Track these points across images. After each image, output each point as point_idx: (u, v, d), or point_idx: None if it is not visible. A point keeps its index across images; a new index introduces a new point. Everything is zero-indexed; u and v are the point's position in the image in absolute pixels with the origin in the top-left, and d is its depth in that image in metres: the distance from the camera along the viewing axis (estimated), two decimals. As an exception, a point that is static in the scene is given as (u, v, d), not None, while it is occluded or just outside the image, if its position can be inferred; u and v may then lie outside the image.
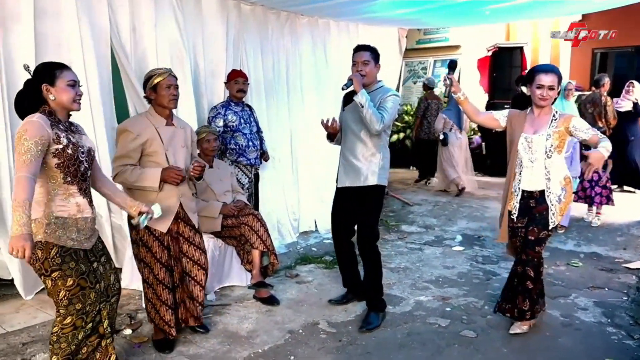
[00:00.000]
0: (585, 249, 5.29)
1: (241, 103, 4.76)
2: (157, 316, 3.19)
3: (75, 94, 2.46)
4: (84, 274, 2.50)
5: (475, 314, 3.77)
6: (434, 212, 6.96)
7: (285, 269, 4.70)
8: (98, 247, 2.66)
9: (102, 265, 2.65)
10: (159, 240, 3.13)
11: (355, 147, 3.56)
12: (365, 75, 3.48)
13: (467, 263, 4.93)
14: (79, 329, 2.51)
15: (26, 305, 3.80)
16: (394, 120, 3.70)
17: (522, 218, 3.36)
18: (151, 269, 3.15)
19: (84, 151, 2.51)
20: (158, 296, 3.17)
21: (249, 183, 4.84)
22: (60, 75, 2.42)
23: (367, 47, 3.60)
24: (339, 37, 6.42)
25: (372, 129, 3.41)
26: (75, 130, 2.57)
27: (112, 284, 2.70)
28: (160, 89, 3.08)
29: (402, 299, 4.04)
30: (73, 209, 2.46)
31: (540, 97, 3.17)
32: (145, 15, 4.19)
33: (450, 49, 11.28)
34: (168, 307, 3.18)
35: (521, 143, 3.27)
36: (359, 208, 3.59)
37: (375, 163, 3.54)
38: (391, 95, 3.52)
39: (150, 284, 3.17)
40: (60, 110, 2.46)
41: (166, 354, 3.16)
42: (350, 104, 3.60)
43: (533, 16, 8.40)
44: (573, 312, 3.78)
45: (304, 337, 3.41)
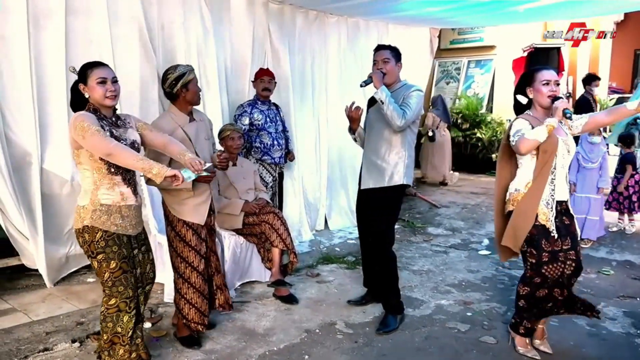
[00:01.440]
0: (618, 257, 5.11)
1: (268, 102, 4.78)
2: (191, 309, 3.19)
3: (106, 90, 2.56)
4: (126, 258, 2.67)
5: (497, 319, 3.68)
6: (462, 214, 6.85)
7: (307, 268, 4.69)
8: (141, 237, 2.82)
9: (142, 254, 2.82)
10: (197, 233, 3.17)
11: (379, 147, 3.52)
12: (386, 74, 3.44)
13: (493, 267, 4.83)
14: (123, 312, 2.66)
15: (52, 295, 3.91)
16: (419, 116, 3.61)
17: (564, 239, 2.93)
18: (188, 262, 3.17)
19: (127, 144, 2.63)
20: (196, 288, 3.18)
21: (273, 182, 4.85)
22: (90, 73, 2.56)
23: (387, 46, 3.58)
24: (367, 37, 6.38)
25: (393, 125, 3.37)
26: (121, 125, 2.70)
27: (147, 273, 2.85)
28: (192, 86, 3.11)
29: (422, 302, 3.98)
30: (117, 197, 2.63)
31: (550, 94, 2.87)
32: (174, 13, 4.26)
33: (485, 49, 11.06)
34: (204, 297, 3.23)
35: (561, 146, 2.91)
36: (379, 210, 3.54)
37: (400, 162, 3.49)
38: (414, 91, 3.46)
39: (186, 278, 3.18)
40: (100, 106, 2.61)
41: (195, 349, 3.19)
42: (374, 105, 3.57)
43: (570, 16, 8.16)
44: (600, 321, 3.63)
45: (320, 337, 3.40)
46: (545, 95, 2.88)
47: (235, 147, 4.12)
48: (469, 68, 11.36)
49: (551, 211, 2.92)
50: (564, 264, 2.92)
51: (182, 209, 3.11)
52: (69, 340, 3.22)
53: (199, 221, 3.17)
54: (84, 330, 3.36)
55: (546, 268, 2.92)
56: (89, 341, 3.26)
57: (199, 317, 3.21)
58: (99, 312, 3.53)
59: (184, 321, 3.24)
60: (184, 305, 3.21)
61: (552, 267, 2.92)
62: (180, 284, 3.22)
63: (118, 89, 2.64)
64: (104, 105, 2.60)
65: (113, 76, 2.63)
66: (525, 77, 3.05)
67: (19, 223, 3.74)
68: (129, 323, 2.68)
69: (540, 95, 2.91)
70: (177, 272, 3.22)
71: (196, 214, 3.15)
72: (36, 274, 4.18)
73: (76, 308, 3.69)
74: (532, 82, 2.95)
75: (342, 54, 6.02)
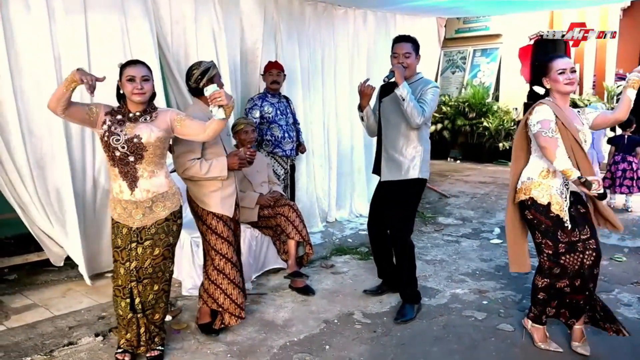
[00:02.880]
0: (630, 244, 5.14)
1: (278, 94, 4.79)
2: (226, 300, 3.21)
3: (134, 88, 2.69)
4: (118, 248, 2.83)
5: (513, 307, 3.71)
6: (472, 204, 6.87)
7: (321, 260, 4.73)
8: (149, 232, 2.82)
9: (143, 249, 2.81)
10: (227, 225, 3.22)
11: (397, 141, 3.54)
12: (407, 67, 3.45)
13: (505, 256, 4.82)
14: (119, 297, 2.86)
15: (72, 290, 3.96)
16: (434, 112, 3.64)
17: (582, 228, 2.91)
18: (222, 254, 3.20)
19: (120, 139, 2.70)
20: (230, 279, 3.22)
21: (285, 174, 4.88)
22: (123, 71, 2.74)
23: (408, 37, 3.55)
24: (376, 29, 6.36)
25: (412, 122, 3.38)
26: (141, 120, 2.76)
27: (144, 268, 2.82)
28: (216, 80, 3.13)
29: (438, 292, 4.02)
30: (117, 189, 2.81)
31: (567, 82, 2.86)
32: (186, 7, 4.27)
33: (491, 37, 11.05)
34: (240, 289, 3.27)
35: (580, 135, 2.88)
36: (397, 201, 3.57)
37: (417, 156, 3.52)
38: (432, 87, 3.48)
39: (221, 270, 3.20)
40: (129, 102, 2.78)
41: (213, 337, 3.25)
42: (387, 95, 3.57)
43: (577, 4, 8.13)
44: (616, 307, 3.66)
45: (339, 327, 3.44)
46: (563, 84, 2.87)
47: (249, 140, 4.14)
48: (475, 57, 11.36)
49: (565, 201, 2.91)
50: (583, 254, 2.89)
51: (210, 202, 3.15)
52: (92, 335, 3.26)
53: (228, 213, 3.21)
54: (106, 324, 3.41)
55: (564, 258, 2.92)
56: (112, 335, 3.30)
57: (234, 308, 3.24)
58: (118, 306, 3.63)
59: (220, 309, 3.25)
60: (219, 295, 3.23)
61: (571, 257, 2.90)
62: (215, 276, 3.23)
63: (147, 87, 2.73)
64: (132, 100, 2.74)
65: (143, 75, 2.72)
66: (539, 67, 3.03)
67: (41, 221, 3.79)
68: (126, 308, 2.85)
69: (558, 85, 2.90)
70: (213, 264, 3.23)
71: (224, 206, 3.19)
72: (54, 270, 4.24)
73: (96, 302, 3.74)
74: (548, 72, 2.94)
75: (351, 45, 6.01)
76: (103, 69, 3.80)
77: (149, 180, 2.79)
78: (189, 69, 3.21)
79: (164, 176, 2.87)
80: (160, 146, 2.79)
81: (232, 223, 3.28)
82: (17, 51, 3.45)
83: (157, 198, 2.82)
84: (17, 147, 3.56)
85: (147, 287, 2.86)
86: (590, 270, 2.93)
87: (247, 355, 3.07)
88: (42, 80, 3.55)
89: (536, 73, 3.06)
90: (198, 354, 3.09)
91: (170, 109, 2.95)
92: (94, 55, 3.78)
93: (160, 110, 2.87)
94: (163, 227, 2.84)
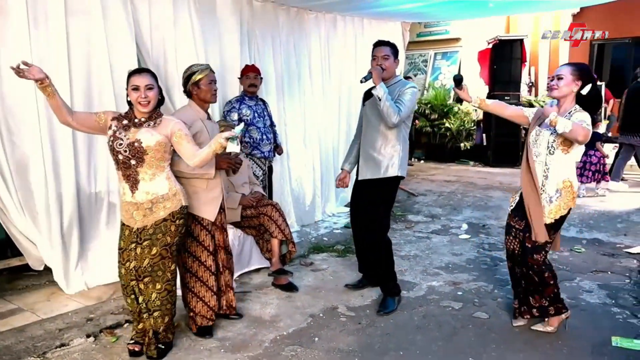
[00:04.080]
0: (587, 236, 5.48)
1: (255, 97, 4.90)
2: (199, 304, 3.31)
3: (138, 97, 2.80)
4: (120, 249, 2.98)
5: (486, 297, 3.95)
6: (439, 202, 7.14)
7: (300, 258, 4.86)
8: (148, 232, 2.90)
9: (142, 248, 2.92)
10: (206, 229, 3.28)
11: (376, 141, 3.71)
12: (385, 69, 3.62)
13: (474, 250, 5.11)
14: (124, 295, 3.05)
15: (56, 294, 3.94)
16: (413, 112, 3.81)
17: (519, 220, 3.25)
18: (197, 258, 3.28)
19: (122, 143, 2.82)
20: (204, 283, 3.30)
21: (263, 175, 4.98)
22: (129, 80, 2.88)
23: (387, 42, 3.73)
24: (345, 32, 6.55)
25: (388, 121, 3.55)
26: (145, 126, 2.87)
27: (143, 267, 2.93)
28: (202, 84, 3.26)
29: (415, 284, 4.22)
30: (121, 190, 2.97)
31: (548, 86, 3.23)
32: (165, 13, 4.32)
33: (451, 41, 11.44)
34: (213, 293, 3.33)
35: (531, 135, 3.18)
36: (375, 198, 3.74)
37: (395, 155, 3.69)
38: (409, 88, 3.65)
39: (194, 273, 3.29)
40: (135, 108, 2.91)
41: (207, 338, 3.31)
42: (370, 99, 3.74)
43: (534, 10, 8.55)
44: (579, 294, 3.96)
45: (325, 321, 3.59)
46: (545, 88, 3.20)
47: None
48: (436, 60, 11.73)
49: (519, 192, 3.32)
50: (515, 239, 3.32)
51: (192, 203, 3.17)
52: (83, 336, 3.29)
53: (208, 217, 3.27)
54: (96, 325, 3.44)
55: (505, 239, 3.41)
56: (103, 335, 3.34)
57: (206, 310, 3.33)
58: (106, 308, 3.70)
59: (191, 314, 3.34)
60: (191, 298, 3.32)
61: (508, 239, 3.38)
62: (188, 278, 3.33)
63: (152, 95, 2.84)
64: (137, 109, 2.87)
65: (147, 83, 2.83)
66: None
67: (21, 225, 3.78)
68: (132, 303, 3.03)
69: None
70: (185, 267, 3.31)
71: (206, 209, 3.25)
72: (34, 274, 4.22)
73: (82, 305, 3.75)
74: None
75: (323, 48, 6.18)
76: (83, 73, 3.86)
77: (149, 183, 2.88)
78: (186, 71, 3.37)
79: (165, 178, 2.94)
80: (160, 150, 2.87)
81: (212, 227, 3.32)
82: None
83: (157, 200, 2.90)
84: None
85: (149, 286, 2.95)
86: (522, 257, 3.26)
87: (240, 350, 3.18)
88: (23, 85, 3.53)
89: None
90: (192, 351, 3.17)
91: (175, 119, 2.98)
92: (74, 60, 3.79)
93: (166, 117, 2.96)
94: (161, 227, 2.92)
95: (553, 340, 3.25)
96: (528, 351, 3.13)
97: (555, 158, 3.08)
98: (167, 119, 2.96)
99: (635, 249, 4.97)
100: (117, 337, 3.32)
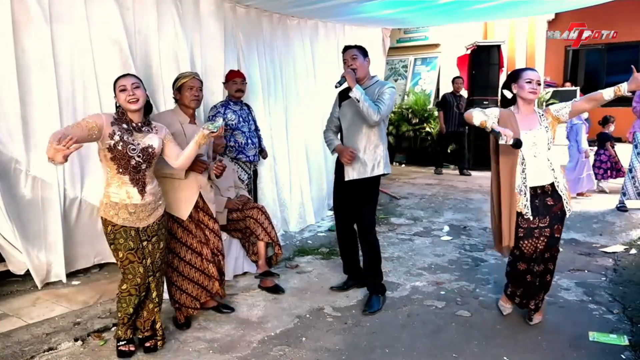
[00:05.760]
0: (565, 236, 5.59)
1: (240, 102, 4.95)
2: (182, 295, 3.49)
3: (127, 95, 2.87)
4: (132, 250, 2.98)
5: (468, 296, 4.05)
6: (421, 204, 7.25)
7: (285, 261, 4.91)
8: (153, 228, 3.05)
9: (152, 245, 3.04)
10: (182, 226, 3.44)
11: (359, 142, 3.79)
12: (357, 69, 3.70)
13: (456, 251, 5.22)
14: (134, 296, 3.05)
15: (41, 299, 3.94)
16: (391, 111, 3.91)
17: (542, 217, 3.28)
18: (176, 254, 3.46)
19: (135, 148, 2.91)
20: (185, 276, 3.48)
21: (248, 179, 5.03)
22: (116, 84, 2.96)
23: (352, 45, 3.86)
24: (326, 38, 6.66)
25: (370, 120, 3.63)
26: (145, 130, 2.97)
27: (155, 261, 3.08)
28: (183, 90, 3.42)
29: (399, 285, 4.30)
30: (124, 195, 2.93)
31: (530, 91, 3.24)
32: (149, 18, 4.35)
33: (430, 47, 11.62)
34: (195, 283, 3.51)
35: (524, 140, 3.18)
36: (361, 198, 3.82)
37: (379, 154, 3.78)
38: (388, 88, 3.73)
39: (175, 268, 3.47)
40: (127, 111, 2.94)
41: (184, 330, 3.47)
42: (346, 100, 3.81)
43: (511, 15, 8.76)
44: (557, 292, 4.08)
45: (311, 321, 3.64)
46: (527, 91, 3.26)
47: (218, 143, 4.27)
48: (416, 65, 11.89)
49: (524, 196, 3.27)
50: (538, 239, 3.30)
51: (166, 201, 3.28)
52: (71, 340, 3.30)
53: (180, 215, 3.42)
54: (83, 329, 3.45)
55: (521, 243, 3.31)
56: (91, 339, 3.35)
57: (190, 300, 3.51)
58: (92, 312, 3.71)
59: (176, 305, 3.51)
60: (175, 291, 3.49)
61: (527, 242, 3.31)
62: (170, 273, 3.49)
63: (139, 94, 2.92)
64: (128, 109, 2.91)
65: (133, 82, 2.92)
66: (512, 74, 3.41)
67: (5, 230, 3.76)
68: (138, 304, 3.09)
69: (523, 92, 3.27)
70: (167, 261, 3.44)
71: (177, 208, 3.41)
72: (18, 280, 4.20)
73: (69, 309, 3.75)
74: (517, 80, 3.31)
75: (305, 54, 6.26)
76: (69, 78, 3.87)
77: (151, 185, 3.03)
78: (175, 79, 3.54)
79: (154, 179, 3.13)
80: (159, 154, 3.06)
81: (189, 224, 3.46)
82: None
83: (157, 199, 3.08)
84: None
85: (159, 280, 3.15)
86: (542, 254, 3.33)
87: (228, 351, 3.22)
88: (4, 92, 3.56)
89: (508, 79, 3.43)
90: (181, 352, 3.21)
91: (162, 126, 3.15)
92: (60, 66, 3.80)
93: (156, 124, 3.11)
94: (162, 222, 3.14)
95: (533, 336, 3.36)
96: (509, 346, 3.23)
97: (551, 152, 3.33)
98: (159, 125, 3.13)
99: (610, 248, 5.13)
100: (105, 340, 3.34)
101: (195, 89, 3.44)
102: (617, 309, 3.74)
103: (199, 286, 3.53)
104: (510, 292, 3.58)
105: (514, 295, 3.56)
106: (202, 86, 3.53)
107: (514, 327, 3.49)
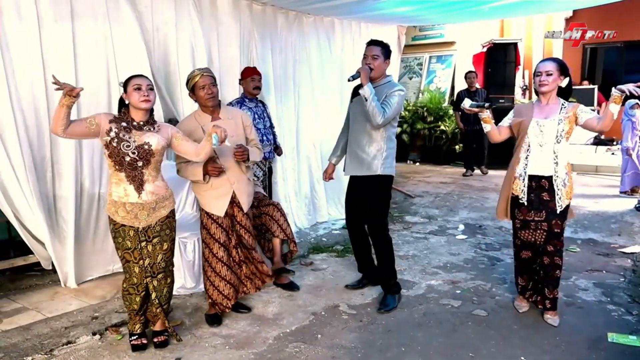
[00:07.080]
0: (582, 236, 5.57)
1: (255, 99, 4.95)
2: (215, 291, 3.52)
3: (141, 95, 2.88)
4: (129, 249, 3.01)
5: (485, 295, 4.02)
6: (436, 203, 7.22)
7: (300, 258, 4.92)
8: (155, 229, 3.03)
9: (153, 246, 3.03)
10: (217, 222, 3.49)
11: (361, 139, 3.76)
12: (374, 69, 3.65)
13: (472, 250, 5.18)
14: (133, 295, 3.09)
15: (60, 293, 3.99)
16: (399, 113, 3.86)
17: (538, 212, 3.40)
18: (210, 249, 3.50)
19: (130, 145, 2.89)
20: (217, 273, 3.51)
21: (263, 176, 5.04)
22: (129, 83, 2.95)
23: (379, 42, 3.75)
24: (342, 35, 6.63)
25: (373, 121, 3.58)
26: (145, 129, 2.96)
27: (157, 263, 3.06)
28: (197, 90, 3.38)
29: (414, 283, 4.29)
30: (121, 192, 2.95)
31: (539, 83, 3.33)
32: (166, 16, 4.39)
33: (446, 45, 11.55)
34: (227, 282, 3.52)
35: (532, 127, 3.35)
36: (367, 197, 3.79)
37: (378, 154, 3.72)
38: (397, 91, 3.66)
39: (209, 262, 3.51)
40: (134, 110, 2.96)
41: (215, 327, 3.49)
42: (357, 96, 3.78)
43: (528, 12, 8.67)
44: (575, 292, 4.04)
45: (327, 319, 3.64)
46: (537, 83, 3.37)
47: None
48: (431, 63, 11.83)
49: (522, 182, 3.43)
50: (535, 231, 3.45)
51: (202, 200, 3.51)
52: (89, 334, 3.34)
53: (216, 212, 3.45)
54: (101, 323, 3.49)
55: (519, 233, 3.52)
56: (108, 333, 3.39)
57: (222, 299, 3.54)
58: (110, 306, 3.75)
59: (209, 301, 3.57)
60: (209, 286, 3.54)
61: (525, 233, 3.50)
62: (206, 267, 3.54)
63: (152, 95, 2.94)
64: (139, 108, 2.91)
65: (148, 83, 2.95)
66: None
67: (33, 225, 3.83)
68: (140, 301, 3.11)
69: (535, 84, 3.43)
70: (203, 257, 3.55)
71: (213, 205, 3.45)
72: (37, 274, 4.27)
73: (87, 304, 3.80)
74: (534, 75, 3.42)
75: (321, 51, 6.25)
76: (89, 75, 3.91)
77: (152, 184, 3.01)
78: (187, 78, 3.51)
79: (162, 179, 3.11)
80: (162, 153, 3.05)
81: (223, 220, 3.48)
82: (11, 57, 3.51)
83: (159, 199, 3.05)
84: (14, 151, 3.62)
85: (162, 282, 3.10)
86: (544, 245, 3.43)
87: (244, 347, 3.23)
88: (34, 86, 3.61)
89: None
90: (197, 347, 3.23)
91: (168, 124, 3.20)
92: (80, 61, 3.85)
93: (161, 123, 3.14)
94: (166, 223, 3.09)
95: (550, 337, 3.33)
96: (526, 347, 3.20)
97: (561, 146, 3.34)
98: (164, 125, 3.15)
99: (629, 249, 5.06)
100: (122, 334, 3.37)
101: (208, 86, 3.36)
102: (637, 310, 3.69)
103: (230, 285, 3.55)
104: (521, 288, 3.66)
105: (524, 290, 3.65)
106: (215, 81, 3.44)
107: (532, 327, 3.46)
